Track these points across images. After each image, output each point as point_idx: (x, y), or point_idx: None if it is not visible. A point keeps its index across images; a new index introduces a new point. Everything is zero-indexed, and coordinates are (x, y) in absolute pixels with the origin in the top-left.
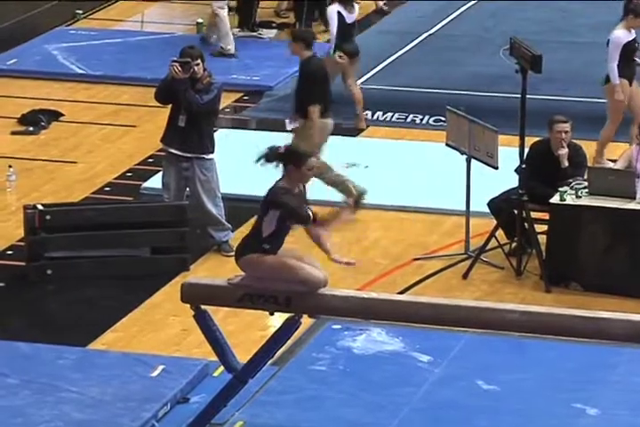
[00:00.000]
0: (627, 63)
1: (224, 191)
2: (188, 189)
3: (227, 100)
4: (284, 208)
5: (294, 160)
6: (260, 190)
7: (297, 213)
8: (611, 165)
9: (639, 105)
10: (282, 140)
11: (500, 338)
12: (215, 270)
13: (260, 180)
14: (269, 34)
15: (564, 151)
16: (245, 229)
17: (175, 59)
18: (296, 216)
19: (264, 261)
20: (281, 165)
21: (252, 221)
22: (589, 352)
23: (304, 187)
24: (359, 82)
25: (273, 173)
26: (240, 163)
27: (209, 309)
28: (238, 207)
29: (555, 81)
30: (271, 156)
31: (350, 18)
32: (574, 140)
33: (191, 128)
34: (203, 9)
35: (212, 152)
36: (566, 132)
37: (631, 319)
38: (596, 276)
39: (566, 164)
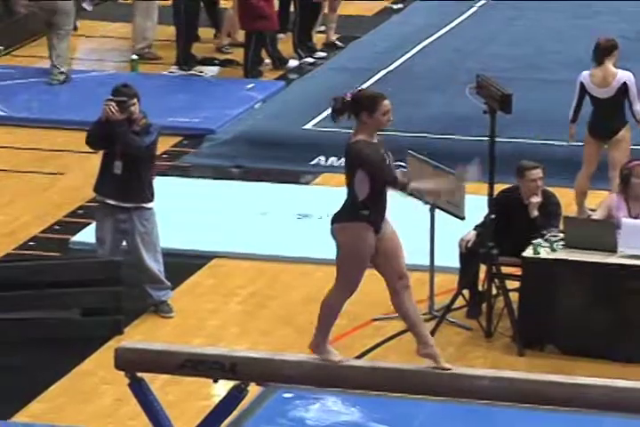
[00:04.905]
0: None
1: (162, 246)
2: (124, 242)
3: (164, 146)
4: (370, 165)
5: (365, 106)
6: (201, 244)
7: (381, 172)
8: (590, 214)
9: (621, 152)
10: (226, 188)
11: (468, 407)
12: (152, 333)
13: (200, 233)
14: (211, 72)
15: (537, 200)
16: (185, 288)
17: (110, 97)
18: (380, 174)
19: (352, 234)
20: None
21: (193, 278)
22: (568, 422)
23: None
24: (313, 122)
25: (215, 226)
26: (179, 214)
27: (146, 376)
28: (177, 264)
29: (527, 122)
30: (338, 107)
31: None
32: (547, 188)
33: (129, 175)
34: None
35: (152, 200)
36: (540, 178)
37: (612, 385)
38: (574, 338)
39: (536, 213)
